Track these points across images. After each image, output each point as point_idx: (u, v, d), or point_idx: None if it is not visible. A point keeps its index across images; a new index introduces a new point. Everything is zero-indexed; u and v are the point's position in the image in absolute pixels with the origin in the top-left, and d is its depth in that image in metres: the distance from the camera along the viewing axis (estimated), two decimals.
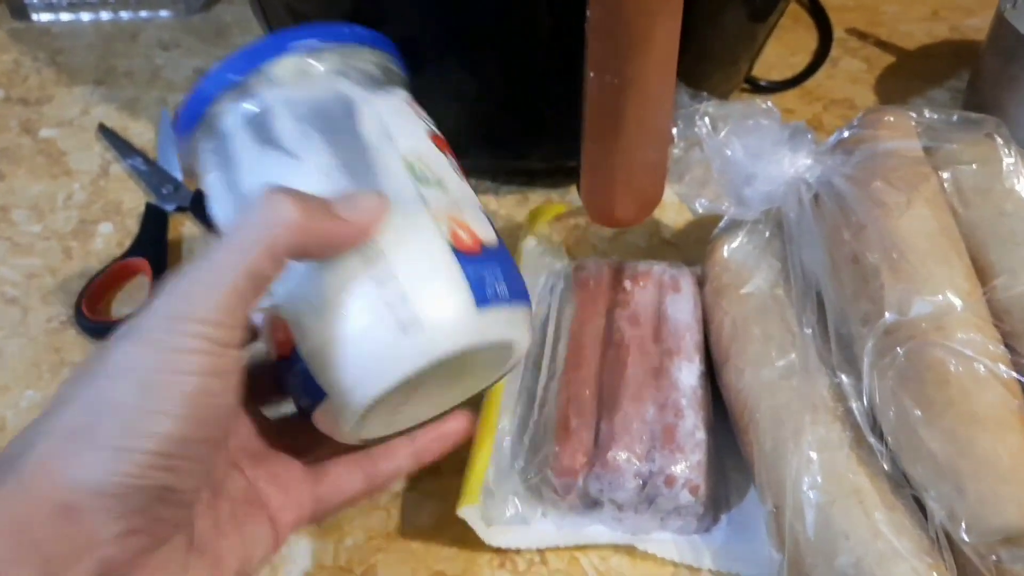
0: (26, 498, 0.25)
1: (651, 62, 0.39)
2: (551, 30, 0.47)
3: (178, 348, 0.26)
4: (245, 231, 0.28)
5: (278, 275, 0.28)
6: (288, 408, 0.35)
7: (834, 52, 0.66)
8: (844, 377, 0.36)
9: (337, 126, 0.32)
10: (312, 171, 0.31)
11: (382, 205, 0.30)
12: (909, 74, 0.64)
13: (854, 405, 0.35)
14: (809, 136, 0.42)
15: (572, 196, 0.55)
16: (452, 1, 0.47)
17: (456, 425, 0.35)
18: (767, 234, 0.42)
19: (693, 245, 0.52)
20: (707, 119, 0.43)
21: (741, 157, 0.42)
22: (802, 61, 0.65)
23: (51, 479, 0.25)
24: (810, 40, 0.67)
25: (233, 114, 0.33)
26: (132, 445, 0.25)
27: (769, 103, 0.44)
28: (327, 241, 0.29)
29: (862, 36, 0.67)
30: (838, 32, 0.67)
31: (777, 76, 0.63)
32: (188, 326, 0.26)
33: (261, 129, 0.32)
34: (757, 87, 0.62)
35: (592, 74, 0.39)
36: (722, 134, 0.42)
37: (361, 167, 0.31)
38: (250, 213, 0.28)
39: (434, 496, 0.41)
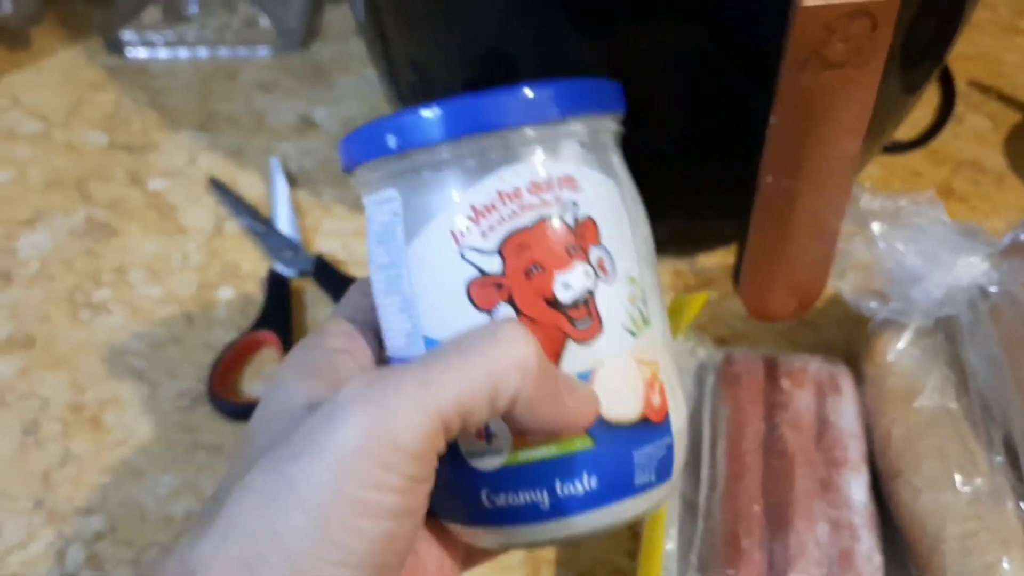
0: None
1: (833, 164, 0.38)
2: (695, 110, 0.46)
3: (368, 482, 0.22)
4: (477, 357, 0.23)
5: (482, 423, 0.24)
6: None
7: (958, 108, 0.63)
8: None
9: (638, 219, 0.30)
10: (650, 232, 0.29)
11: (594, 411, 0.26)
12: None
13: None
14: (983, 238, 0.41)
15: (700, 267, 0.54)
16: (592, 71, 0.45)
17: None
18: (939, 338, 0.41)
19: (834, 326, 0.50)
20: (875, 216, 0.41)
21: (912, 259, 0.40)
22: (923, 116, 0.63)
23: None
24: (931, 93, 0.65)
25: (614, 139, 0.29)
26: None
27: (932, 194, 0.43)
28: (547, 418, 0.25)
29: (984, 90, 0.65)
30: (960, 85, 0.65)
31: (899, 132, 0.61)
32: (384, 454, 0.22)
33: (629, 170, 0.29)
34: (883, 148, 0.60)
35: (769, 178, 0.38)
36: (891, 232, 0.41)
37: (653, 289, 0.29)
38: (489, 338, 0.24)
39: None
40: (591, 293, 0.27)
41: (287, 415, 0.27)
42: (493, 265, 0.26)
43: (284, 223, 0.56)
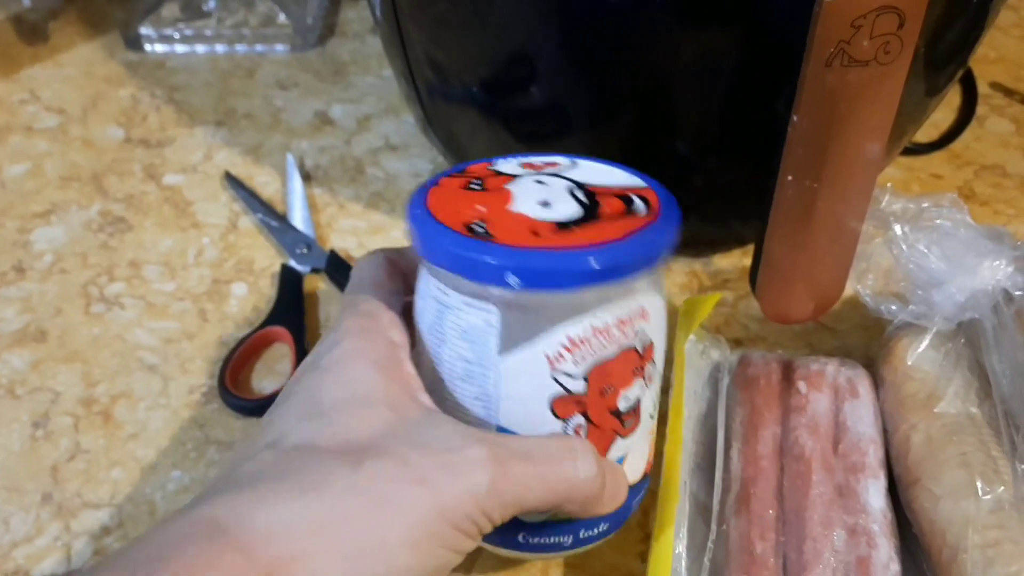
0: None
1: (856, 165, 0.37)
2: (715, 111, 0.45)
3: (459, 527, 0.26)
4: (557, 478, 0.29)
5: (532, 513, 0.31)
6: None
7: (980, 110, 0.63)
8: None
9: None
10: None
11: (626, 487, 0.33)
12: None
13: None
14: (1008, 241, 0.40)
15: (715, 268, 0.53)
16: (614, 72, 0.45)
17: None
18: (961, 342, 0.40)
19: (852, 331, 0.49)
20: (897, 218, 0.40)
21: (935, 262, 0.40)
22: (946, 118, 0.62)
23: (268, 569, 0.23)
24: (952, 95, 0.64)
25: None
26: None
27: (955, 196, 0.42)
28: (595, 510, 0.31)
29: (1008, 93, 0.64)
30: (981, 87, 0.64)
31: (920, 135, 0.61)
32: (479, 512, 0.27)
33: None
34: (904, 150, 0.59)
35: (790, 178, 0.37)
36: (913, 235, 0.40)
37: None
38: (566, 462, 0.29)
39: None
40: (640, 400, 0.32)
41: (367, 400, 0.28)
42: (578, 387, 0.30)
43: (299, 219, 0.56)
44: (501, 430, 0.31)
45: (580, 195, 0.31)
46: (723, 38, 0.41)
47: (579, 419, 0.31)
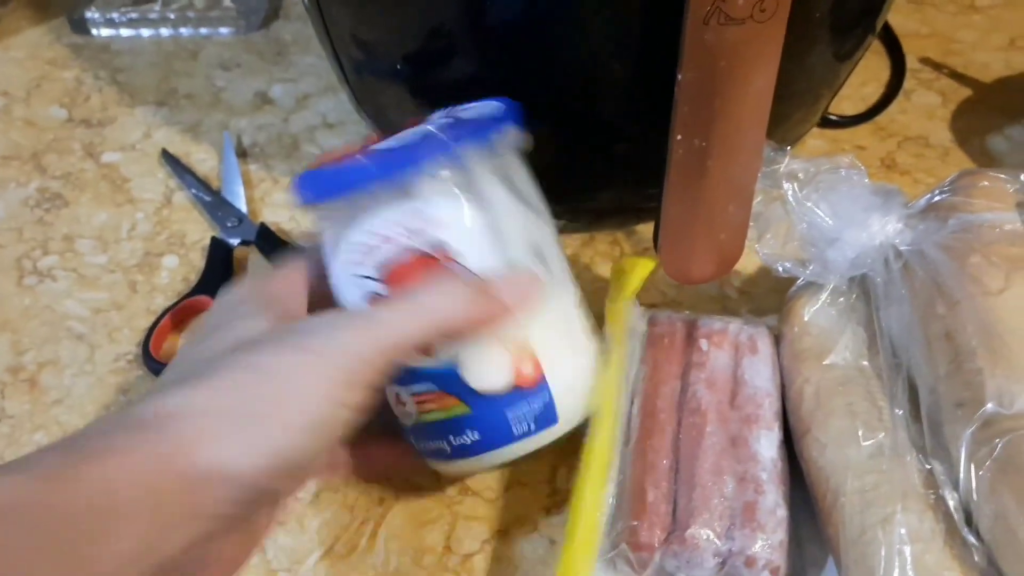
0: (166, 464, 0.26)
1: (742, 123, 0.38)
2: (625, 77, 0.46)
3: (349, 382, 0.29)
4: (428, 308, 0.31)
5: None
6: None
7: (907, 84, 0.64)
8: (937, 464, 0.35)
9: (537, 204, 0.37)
10: (548, 228, 0.37)
11: (539, 285, 0.34)
12: (987, 109, 0.62)
13: (947, 495, 0.34)
14: (900, 199, 0.41)
15: (638, 236, 0.55)
16: (527, 43, 0.46)
17: None
18: (852, 298, 0.41)
19: (764, 295, 0.50)
20: (793, 179, 0.41)
21: (828, 220, 0.41)
22: (874, 92, 0.63)
23: (193, 453, 0.26)
24: (881, 69, 0.65)
25: (483, 160, 0.34)
26: (282, 453, 0.28)
27: (853, 158, 0.43)
28: (493, 327, 0.33)
29: (936, 67, 0.65)
30: (911, 62, 0.65)
31: (848, 108, 0.62)
32: (361, 366, 0.29)
33: (509, 182, 0.35)
34: (828, 122, 0.60)
35: (679, 136, 0.38)
36: (807, 194, 0.41)
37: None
38: (436, 294, 0.31)
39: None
40: None
41: (251, 328, 0.32)
42: (381, 288, 0.34)
43: (232, 194, 0.56)
44: None
45: (432, 127, 0.34)
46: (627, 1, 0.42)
47: None
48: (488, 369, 0.34)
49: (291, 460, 0.28)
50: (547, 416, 0.36)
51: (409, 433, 0.37)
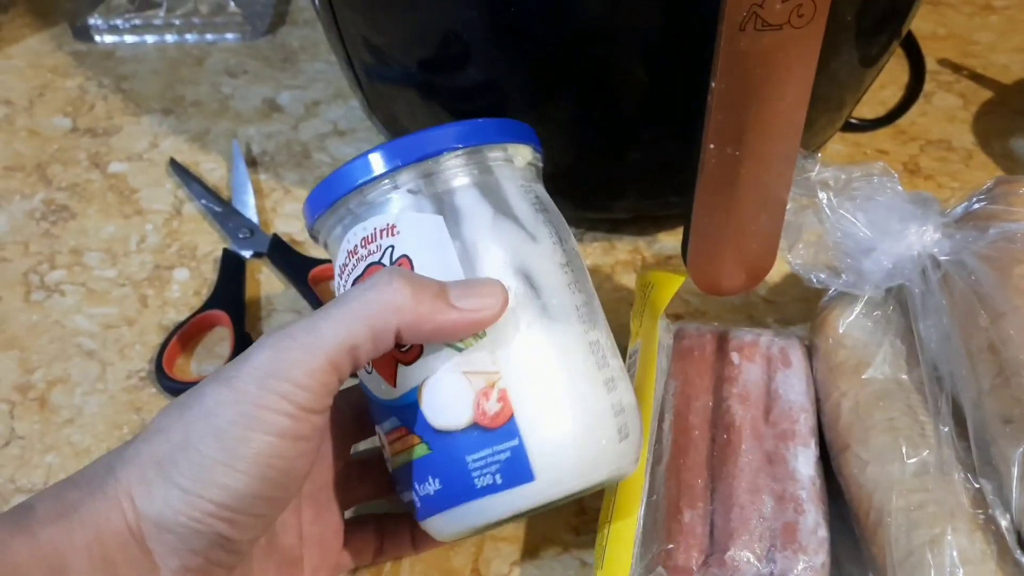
0: (109, 518, 0.27)
1: (777, 131, 0.37)
2: (647, 84, 0.45)
3: (261, 404, 0.27)
4: (353, 305, 0.29)
5: (378, 353, 0.29)
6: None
7: (927, 86, 0.63)
8: (986, 483, 0.34)
9: (557, 219, 0.35)
10: (546, 254, 0.33)
11: (501, 297, 0.30)
12: (1008, 111, 0.61)
13: (999, 515, 0.33)
14: (936, 208, 0.40)
15: (660, 245, 0.53)
16: (547, 49, 0.45)
17: None
18: (889, 310, 0.40)
19: (791, 303, 0.49)
20: (826, 187, 0.40)
21: (862, 229, 0.40)
22: (893, 95, 0.62)
23: (130, 505, 0.27)
24: (900, 72, 0.64)
25: (463, 175, 0.33)
26: (199, 491, 0.27)
27: (885, 165, 0.42)
28: (437, 329, 0.29)
29: (956, 68, 0.64)
30: (929, 64, 0.64)
31: (868, 112, 0.61)
32: (277, 384, 0.27)
33: (496, 199, 0.33)
34: (849, 126, 0.59)
35: (712, 145, 0.37)
36: (841, 202, 0.40)
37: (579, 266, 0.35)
38: (364, 289, 0.29)
39: None
40: None
41: None
42: None
43: (243, 204, 0.55)
44: None
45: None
46: (649, 7, 0.41)
47: None
48: (444, 400, 0.30)
49: (224, 502, 0.27)
50: (517, 469, 0.30)
51: (394, 484, 0.34)
